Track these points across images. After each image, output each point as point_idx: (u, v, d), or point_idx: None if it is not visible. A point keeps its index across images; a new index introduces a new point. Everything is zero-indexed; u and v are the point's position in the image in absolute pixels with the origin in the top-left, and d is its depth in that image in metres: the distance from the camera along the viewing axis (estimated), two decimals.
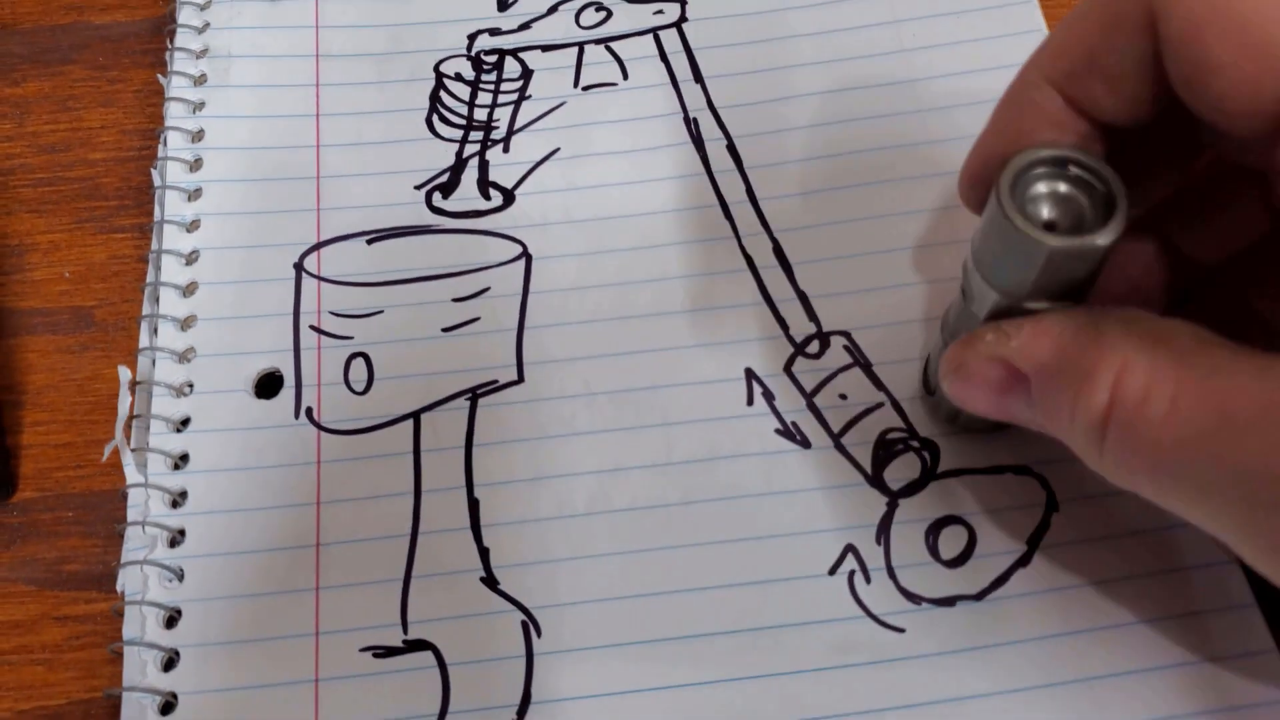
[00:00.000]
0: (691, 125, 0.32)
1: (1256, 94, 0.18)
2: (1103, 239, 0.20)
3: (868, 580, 0.26)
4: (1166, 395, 0.18)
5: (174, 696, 0.25)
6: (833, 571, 0.26)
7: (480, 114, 0.33)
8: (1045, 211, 0.21)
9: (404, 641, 0.26)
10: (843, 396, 0.28)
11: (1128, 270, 0.24)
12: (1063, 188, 0.21)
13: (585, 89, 0.33)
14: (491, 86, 0.33)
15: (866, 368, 0.28)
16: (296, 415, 0.28)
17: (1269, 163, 0.20)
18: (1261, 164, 0.20)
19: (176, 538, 0.27)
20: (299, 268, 0.30)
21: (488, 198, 0.31)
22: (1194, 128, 0.21)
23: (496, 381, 0.29)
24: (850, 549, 0.26)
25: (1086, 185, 0.21)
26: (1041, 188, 0.21)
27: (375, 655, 0.25)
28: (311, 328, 0.29)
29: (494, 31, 0.34)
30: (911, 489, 0.27)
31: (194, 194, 0.31)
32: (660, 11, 0.34)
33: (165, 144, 0.32)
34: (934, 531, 0.26)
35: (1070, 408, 0.20)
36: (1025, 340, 0.21)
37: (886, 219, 0.30)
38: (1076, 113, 0.21)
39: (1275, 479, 0.17)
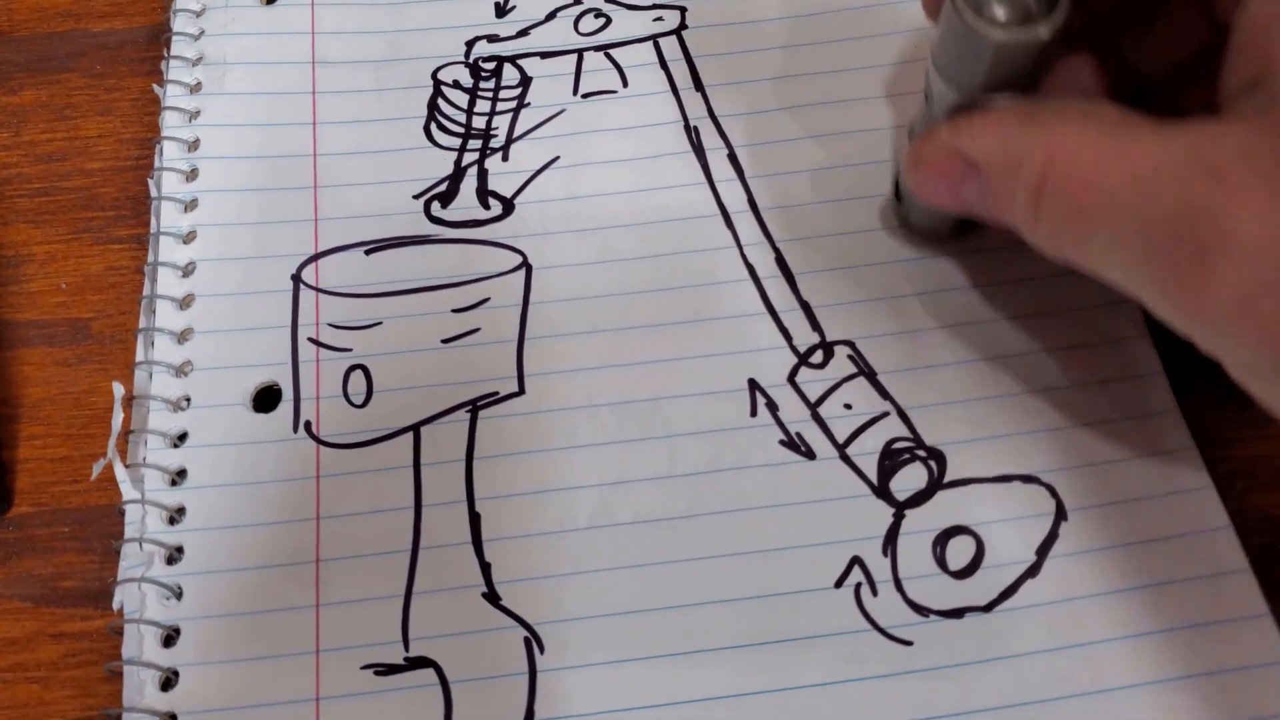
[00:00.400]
0: (692, 133, 0.32)
1: None
2: (1044, 30, 0.22)
3: (874, 592, 0.26)
4: (1089, 162, 0.20)
5: (173, 717, 0.25)
6: (839, 584, 0.26)
7: (479, 122, 0.32)
8: (998, 12, 0.23)
9: (405, 658, 0.25)
10: (847, 406, 0.28)
11: (1078, 78, 0.26)
12: None
13: (585, 96, 0.33)
14: (490, 94, 0.33)
15: (871, 377, 0.28)
16: (295, 429, 0.28)
17: None
18: None
19: (174, 554, 0.26)
20: (297, 279, 0.30)
21: (487, 207, 0.31)
22: None
23: (497, 393, 0.28)
24: (856, 561, 0.26)
25: None
26: None
27: (376, 673, 0.25)
28: (310, 340, 0.29)
29: (492, 38, 0.34)
30: (918, 499, 0.27)
31: (190, 205, 0.31)
32: (660, 18, 0.34)
33: (161, 154, 0.32)
34: (941, 542, 0.26)
35: (1012, 187, 0.22)
36: (975, 130, 0.23)
37: (891, 229, 0.30)
38: None
39: (1164, 225, 0.19)
